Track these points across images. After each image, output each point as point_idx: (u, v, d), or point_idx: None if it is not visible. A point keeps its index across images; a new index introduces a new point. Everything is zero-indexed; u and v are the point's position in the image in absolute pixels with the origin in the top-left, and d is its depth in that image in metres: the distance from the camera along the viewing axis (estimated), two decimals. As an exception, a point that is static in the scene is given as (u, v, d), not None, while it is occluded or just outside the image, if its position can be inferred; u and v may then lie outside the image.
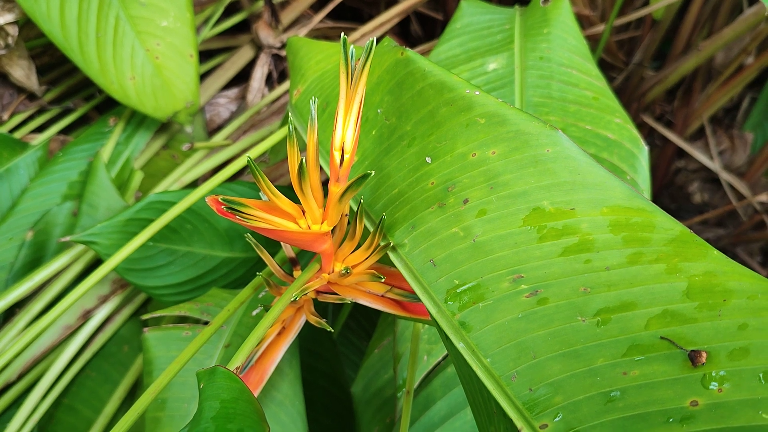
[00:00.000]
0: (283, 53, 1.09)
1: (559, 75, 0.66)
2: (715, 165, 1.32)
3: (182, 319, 0.69)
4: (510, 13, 0.78)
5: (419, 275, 0.40)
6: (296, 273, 0.53)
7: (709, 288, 0.32)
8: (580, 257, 0.36)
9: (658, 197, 1.44)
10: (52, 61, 1.05)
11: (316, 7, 1.16)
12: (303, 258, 0.68)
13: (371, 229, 0.44)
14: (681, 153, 1.39)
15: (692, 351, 0.31)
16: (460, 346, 0.37)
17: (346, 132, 0.40)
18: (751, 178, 1.34)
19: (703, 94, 1.30)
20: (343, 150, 0.40)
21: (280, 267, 0.52)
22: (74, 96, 1.05)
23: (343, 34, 0.42)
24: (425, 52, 1.06)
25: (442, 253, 0.40)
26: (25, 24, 0.92)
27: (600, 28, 1.11)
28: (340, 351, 0.88)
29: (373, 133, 0.48)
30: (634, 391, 0.32)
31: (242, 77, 1.12)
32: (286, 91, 1.05)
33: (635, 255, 0.35)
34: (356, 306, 0.90)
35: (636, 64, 1.25)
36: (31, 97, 1.01)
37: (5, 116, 0.97)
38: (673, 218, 0.35)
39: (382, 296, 0.48)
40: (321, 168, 0.47)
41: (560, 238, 0.37)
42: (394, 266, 0.42)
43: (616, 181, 0.37)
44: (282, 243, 0.54)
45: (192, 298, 0.71)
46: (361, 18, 1.29)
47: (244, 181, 0.87)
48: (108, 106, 1.04)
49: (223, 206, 0.39)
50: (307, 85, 0.61)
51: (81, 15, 0.82)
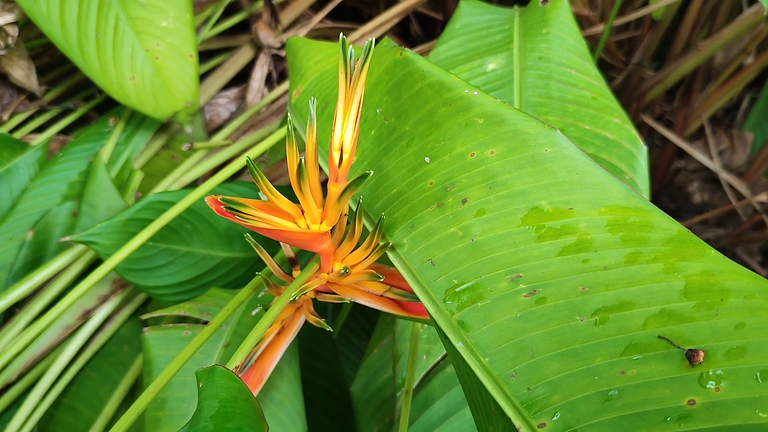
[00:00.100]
0: (283, 53, 1.09)
1: (558, 75, 0.66)
2: (714, 165, 1.33)
3: (182, 319, 0.69)
4: (509, 13, 0.78)
5: (418, 275, 0.40)
6: (295, 273, 0.53)
7: (707, 287, 0.32)
8: (578, 257, 0.36)
9: (657, 197, 1.44)
10: (52, 62, 1.05)
11: (315, 8, 1.17)
12: (302, 258, 0.68)
13: (370, 229, 0.44)
14: (681, 153, 1.39)
15: (690, 350, 0.31)
16: (458, 345, 0.37)
17: (345, 132, 0.40)
18: (750, 178, 1.34)
19: (702, 94, 1.30)
20: (342, 150, 0.40)
21: (279, 267, 0.52)
22: (74, 96, 1.05)
23: (341, 34, 0.42)
24: (425, 52, 1.06)
25: (441, 252, 0.40)
26: (25, 24, 0.92)
27: (599, 28, 1.11)
28: (339, 350, 0.88)
29: (372, 133, 0.48)
30: (632, 390, 0.32)
31: (242, 77, 1.12)
32: (286, 92, 1.05)
33: (633, 254, 0.35)
34: (356, 306, 0.90)
35: (635, 64, 1.25)
36: (31, 97, 1.01)
37: (5, 116, 0.98)
38: (670, 218, 0.35)
39: (381, 296, 0.48)
40: (320, 168, 0.47)
41: (558, 238, 0.37)
42: (393, 266, 0.43)
43: (614, 180, 0.37)
44: (281, 243, 0.54)
45: (191, 298, 0.71)
46: (361, 18, 1.29)
47: (244, 181, 0.87)
48: (108, 106, 1.04)
49: (222, 206, 0.39)
50: (306, 85, 0.61)
51: (81, 15, 0.83)
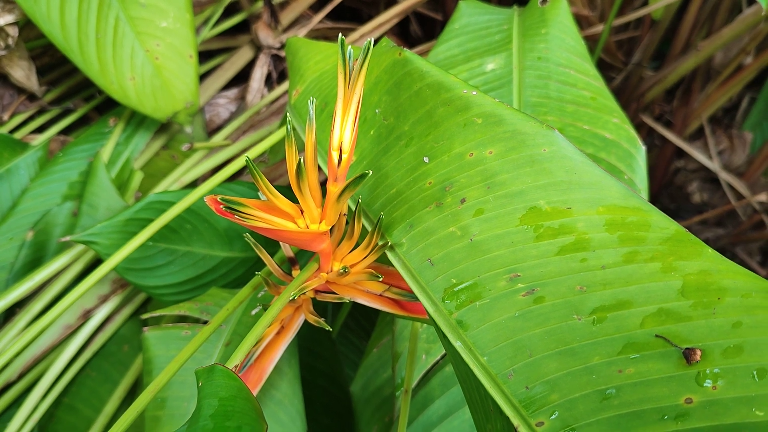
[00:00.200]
0: (283, 54, 1.10)
1: (557, 75, 0.66)
2: (714, 165, 1.33)
3: (182, 319, 0.69)
4: (508, 13, 0.78)
5: (417, 274, 0.41)
6: (295, 272, 0.53)
7: (704, 286, 0.33)
8: (576, 256, 0.36)
9: (657, 197, 1.44)
10: (52, 62, 1.05)
11: (315, 8, 1.17)
12: (302, 258, 0.69)
13: (369, 229, 0.45)
14: (680, 153, 1.39)
15: (687, 349, 0.31)
16: (457, 344, 0.37)
17: (344, 132, 0.41)
18: (750, 177, 1.34)
19: (702, 94, 1.30)
20: (341, 150, 0.40)
21: (279, 266, 0.52)
22: (74, 96, 1.05)
23: (340, 34, 0.42)
24: (425, 53, 1.06)
25: (440, 252, 0.40)
26: (26, 25, 0.92)
27: (599, 28, 1.11)
28: (338, 350, 0.88)
29: (372, 133, 0.48)
30: (630, 388, 0.32)
31: (242, 78, 1.12)
32: (285, 92, 1.05)
33: (631, 254, 0.35)
34: (355, 305, 0.90)
35: (635, 64, 1.25)
36: (32, 97, 1.01)
37: (5, 117, 0.98)
38: (668, 217, 0.35)
39: (381, 295, 0.48)
40: (319, 168, 0.47)
41: (556, 237, 0.37)
42: (392, 265, 0.43)
43: (612, 180, 0.37)
44: (281, 242, 0.54)
45: (191, 298, 0.71)
46: (361, 18, 1.29)
47: (244, 181, 0.87)
48: (108, 106, 1.05)
49: (222, 206, 0.39)
50: (306, 85, 0.61)
51: (81, 16, 0.83)
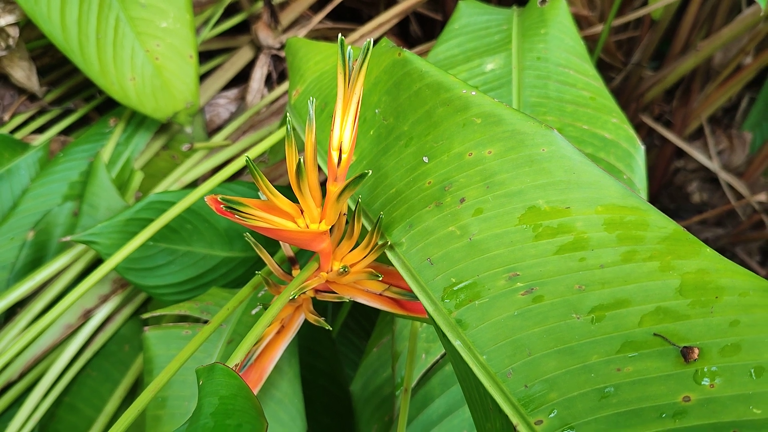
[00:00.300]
0: (283, 54, 1.10)
1: (556, 75, 0.66)
2: (713, 165, 1.33)
3: (182, 318, 0.69)
4: (508, 13, 0.79)
5: (416, 273, 0.41)
6: (295, 272, 0.54)
7: (702, 285, 0.33)
8: (574, 255, 0.36)
9: (657, 197, 1.44)
10: (52, 62, 1.05)
11: (315, 8, 1.17)
12: (302, 257, 0.69)
13: (369, 228, 0.45)
14: (680, 153, 1.39)
15: (685, 347, 0.31)
16: (456, 343, 0.37)
17: (343, 132, 0.41)
18: (749, 177, 1.34)
19: (701, 94, 1.31)
20: (340, 150, 0.41)
21: (279, 266, 0.52)
22: (75, 97, 1.05)
23: (340, 35, 0.42)
24: (424, 53, 1.07)
25: (439, 251, 0.40)
26: (26, 25, 0.93)
27: (598, 28, 1.12)
28: (339, 350, 0.89)
29: (371, 133, 0.49)
30: (628, 387, 0.32)
31: (242, 78, 1.13)
32: (285, 92, 1.05)
33: (629, 253, 0.35)
34: (355, 305, 0.90)
35: (635, 64, 1.25)
36: (32, 98, 1.01)
37: (6, 117, 0.98)
38: (666, 216, 0.36)
39: (380, 295, 0.48)
40: (319, 168, 0.47)
41: (555, 237, 0.37)
42: (392, 265, 0.43)
43: (610, 179, 0.37)
44: (281, 242, 0.55)
45: (192, 297, 0.71)
46: (361, 19, 1.29)
47: (244, 181, 0.87)
48: (108, 106, 1.05)
49: (222, 206, 0.39)
50: (305, 85, 0.61)
51: (81, 16, 0.83)
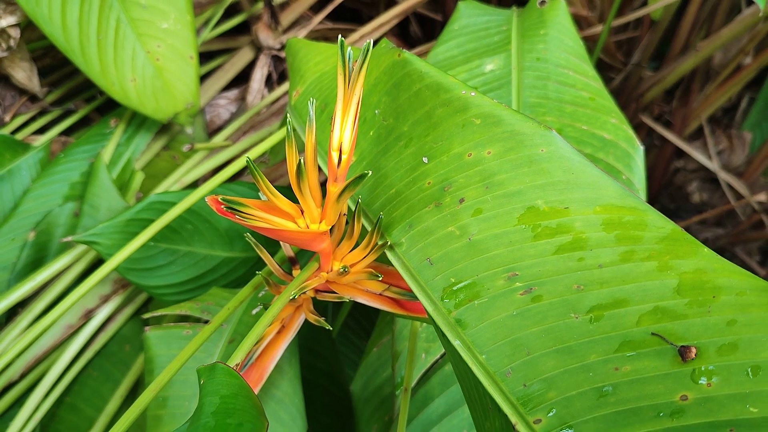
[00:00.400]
0: (283, 55, 1.10)
1: (555, 76, 0.66)
2: (713, 165, 1.33)
3: (183, 318, 0.69)
4: (507, 14, 0.79)
5: (416, 273, 0.41)
6: (295, 272, 0.54)
7: (699, 285, 0.33)
8: (573, 255, 0.36)
9: (657, 197, 1.44)
10: (53, 63, 1.05)
11: (315, 9, 1.17)
12: (302, 257, 0.69)
13: (369, 229, 0.45)
14: (680, 153, 1.39)
15: (682, 346, 0.32)
16: (456, 343, 0.38)
17: (343, 132, 0.41)
18: (749, 177, 1.34)
19: (701, 94, 1.31)
20: (341, 150, 0.41)
21: (279, 266, 0.52)
22: (75, 97, 1.05)
23: (340, 36, 0.42)
24: (424, 53, 1.07)
25: (439, 251, 0.40)
26: (27, 26, 0.93)
27: (598, 28, 1.12)
28: (339, 350, 0.89)
29: (371, 133, 0.49)
30: (626, 386, 0.32)
31: (242, 78, 1.13)
32: (286, 93, 1.05)
33: (627, 253, 0.35)
34: (355, 305, 0.91)
35: (634, 64, 1.25)
36: (33, 98, 1.01)
37: (7, 118, 0.98)
38: (664, 216, 0.36)
39: (380, 295, 0.48)
40: (320, 168, 0.47)
41: (554, 237, 0.37)
42: (392, 265, 0.43)
43: (609, 180, 0.38)
44: (281, 242, 0.55)
45: (192, 298, 0.71)
46: (361, 19, 1.29)
47: (244, 181, 0.88)
48: (109, 107, 1.05)
49: (223, 206, 0.40)
50: (306, 86, 0.61)
51: (82, 17, 0.83)
